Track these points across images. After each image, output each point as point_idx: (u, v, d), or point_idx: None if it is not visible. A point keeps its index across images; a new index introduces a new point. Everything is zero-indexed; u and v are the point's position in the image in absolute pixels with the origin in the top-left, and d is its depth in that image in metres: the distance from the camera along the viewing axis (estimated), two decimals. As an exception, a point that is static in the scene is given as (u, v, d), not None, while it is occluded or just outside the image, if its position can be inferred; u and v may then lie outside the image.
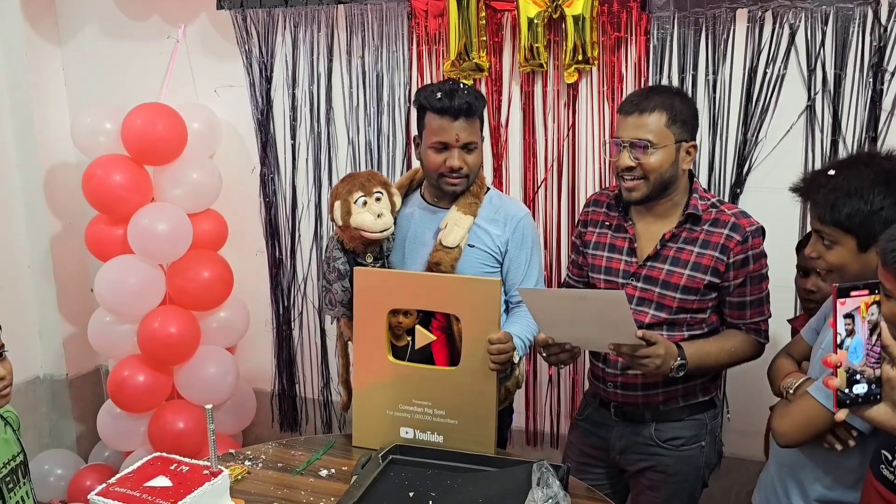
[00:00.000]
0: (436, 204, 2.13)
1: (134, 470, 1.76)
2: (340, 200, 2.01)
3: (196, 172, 2.99)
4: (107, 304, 2.95)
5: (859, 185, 1.55)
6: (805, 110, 2.35)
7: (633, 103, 1.90)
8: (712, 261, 1.88)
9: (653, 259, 1.94)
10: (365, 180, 2.02)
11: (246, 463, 1.97)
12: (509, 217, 2.10)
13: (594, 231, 2.07)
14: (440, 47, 2.71)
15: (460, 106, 1.97)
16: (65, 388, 3.48)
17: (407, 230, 2.13)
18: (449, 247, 2.03)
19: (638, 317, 1.93)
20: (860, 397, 1.15)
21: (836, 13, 2.26)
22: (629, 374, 1.97)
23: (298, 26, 2.92)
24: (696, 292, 1.90)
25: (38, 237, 3.34)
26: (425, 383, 1.98)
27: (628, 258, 1.99)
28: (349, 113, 2.93)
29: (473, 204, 2.07)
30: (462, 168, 2.02)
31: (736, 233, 1.88)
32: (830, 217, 1.58)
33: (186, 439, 2.91)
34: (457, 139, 1.99)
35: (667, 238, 1.93)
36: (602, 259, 2.04)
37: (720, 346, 1.93)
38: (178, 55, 3.12)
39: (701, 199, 1.93)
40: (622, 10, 2.46)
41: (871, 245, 1.55)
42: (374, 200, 2.00)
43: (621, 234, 2.01)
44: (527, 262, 2.13)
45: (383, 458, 1.86)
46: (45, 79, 3.30)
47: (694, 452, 2.01)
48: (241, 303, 3.15)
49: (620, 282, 1.98)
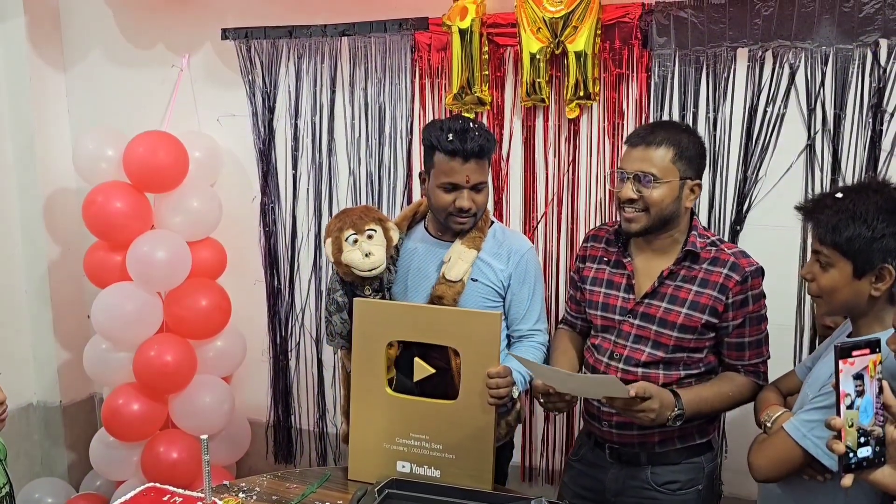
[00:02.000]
0: (440, 237, 2.13)
1: (126, 500, 1.75)
2: (332, 238, 2.01)
3: (196, 200, 2.99)
4: (103, 331, 2.93)
5: (865, 210, 1.54)
6: (805, 149, 2.36)
7: (641, 136, 1.90)
8: (711, 300, 1.86)
9: (650, 296, 1.92)
10: (357, 218, 2.02)
11: (240, 495, 1.95)
12: (513, 251, 2.10)
13: (592, 266, 2.06)
14: (443, 80, 2.73)
15: (472, 149, 1.96)
16: (58, 415, 3.45)
17: (410, 263, 2.13)
18: (452, 280, 2.02)
19: (634, 354, 1.92)
20: (865, 461, 1.13)
21: (836, 54, 2.28)
22: (625, 415, 1.92)
23: (302, 57, 2.94)
24: (693, 331, 1.88)
25: (35, 262, 3.33)
26: (423, 417, 1.97)
27: (626, 294, 1.96)
28: (351, 144, 2.94)
29: (478, 238, 2.07)
30: (471, 209, 2.02)
31: (735, 272, 1.86)
32: (831, 238, 1.57)
33: (180, 470, 2.87)
34: (467, 180, 1.99)
35: (665, 275, 1.91)
36: (599, 295, 2.02)
37: (717, 391, 1.90)
38: (181, 84, 3.14)
39: (700, 237, 1.92)
40: (624, 47, 2.49)
41: (866, 273, 1.55)
42: (366, 238, 1.99)
43: (619, 269, 1.99)
44: (529, 297, 2.12)
45: (379, 493, 1.84)
46: (48, 104, 3.31)
47: (690, 497, 1.97)
48: (238, 332, 3.14)
49: (617, 318, 1.96)
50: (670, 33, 2.43)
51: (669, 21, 2.42)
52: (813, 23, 2.28)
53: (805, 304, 2.42)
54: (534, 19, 2.49)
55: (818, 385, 1.59)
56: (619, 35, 2.48)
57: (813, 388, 1.62)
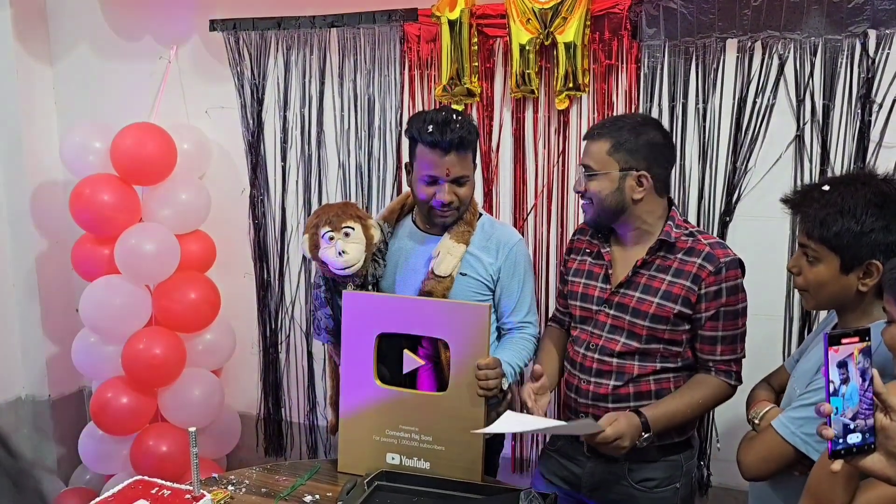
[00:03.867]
0: (427, 231, 2.12)
1: (114, 493, 1.73)
2: (309, 234, 2.00)
3: (185, 193, 2.98)
4: (91, 324, 2.92)
5: (853, 204, 1.53)
6: (794, 140, 2.37)
7: (590, 130, 1.93)
8: (683, 290, 1.84)
9: (625, 286, 1.91)
10: (334, 215, 1.98)
11: (229, 487, 1.94)
12: (501, 244, 2.09)
13: (576, 258, 2.06)
14: (432, 72, 2.72)
15: (451, 140, 1.94)
16: (47, 409, 3.43)
17: (399, 257, 2.12)
18: (441, 276, 2.02)
19: (609, 345, 1.92)
20: (855, 447, 1.13)
21: (825, 45, 2.28)
22: (601, 406, 1.92)
23: (291, 49, 2.93)
24: (665, 321, 1.86)
25: (23, 255, 3.31)
26: (413, 409, 1.97)
27: (603, 285, 1.96)
28: (340, 136, 2.93)
29: (466, 232, 2.06)
30: (452, 202, 2.00)
31: (710, 263, 1.83)
32: (819, 233, 1.55)
33: (169, 463, 2.87)
34: (447, 173, 1.98)
35: (639, 265, 1.90)
36: (580, 286, 2.01)
37: (688, 400, 1.87)
38: (169, 76, 3.12)
39: (676, 227, 1.89)
40: (613, 39, 2.48)
41: (853, 268, 1.54)
42: (343, 236, 1.96)
43: (599, 260, 1.99)
44: (519, 290, 2.12)
45: (369, 485, 1.84)
46: (35, 97, 3.28)
47: (667, 494, 1.95)
48: (227, 325, 3.13)
49: (594, 308, 1.96)
50: (660, 24, 2.43)
51: (659, 12, 2.42)
52: (802, 13, 2.28)
53: (794, 295, 2.42)
54: (523, 10, 2.49)
55: (805, 380, 1.59)
56: (608, 26, 2.48)
57: (800, 382, 1.61)
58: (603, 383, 1.92)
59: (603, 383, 1.92)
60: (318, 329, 2.11)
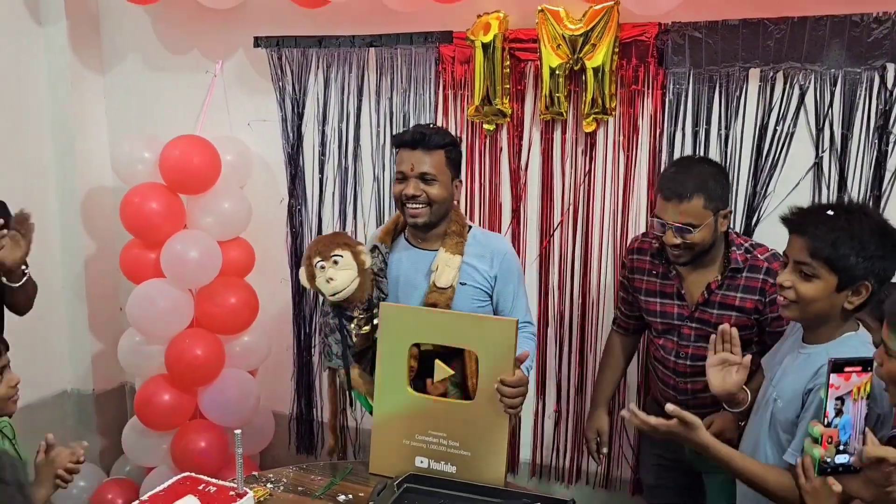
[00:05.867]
0: (419, 246, 2.24)
1: (164, 488, 1.86)
2: (304, 266, 2.14)
3: (227, 202, 3.12)
4: (137, 324, 3.08)
5: (860, 230, 1.65)
6: (812, 167, 2.46)
7: (672, 189, 2.07)
8: (754, 303, 2.12)
9: (703, 305, 2.17)
10: (323, 245, 2.14)
11: (268, 485, 2.07)
12: (496, 252, 2.23)
13: (642, 279, 2.28)
14: (465, 92, 2.84)
15: (414, 136, 2.14)
16: (91, 402, 3.60)
17: (398, 274, 2.24)
18: (443, 287, 2.14)
19: (698, 351, 2.17)
20: (841, 466, 1.24)
21: (845, 77, 2.37)
22: (699, 397, 2.18)
23: (331, 66, 3.06)
24: (743, 328, 2.06)
25: (72, 257, 3.48)
26: (442, 415, 2.08)
27: (679, 302, 2.22)
28: (376, 150, 3.06)
29: (459, 243, 2.19)
30: (419, 195, 2.13)
31: (770, 276, 2.08)
32: (826, 253, 1.65)
33: (207, 458, 3.01)
34: (411, 168, 2.13)
35: (713, 287, 2.15)
36: (656, 304, 2.26)
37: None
38: (214, 89, 3.27)
39: (738, 249, 2.14)
40: (640, 65, 2.58)
41: (846, 287, 1.65)
42: (332, 264, 2.11)
43: (668, 280, 2.23)
44: (514, 294, 2.26)
45: (398, 487, 1.96)
46: (87, 106, 3.45)
47: None
48: (264, 328, 3.26)
49: (676, 323, 2.22)
50: (685, 52, 2.53)
51: (685, 40, 2.52)
52: (823, 46, 2.37)
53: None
54: (554, 36, 2.59)
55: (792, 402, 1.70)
56: (635, 53, 2.58)
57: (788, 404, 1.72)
58: (700, 380, 2.14)
59: (700, 380, 2.14)
60: (329, 355, 2.24)
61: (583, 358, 2.87)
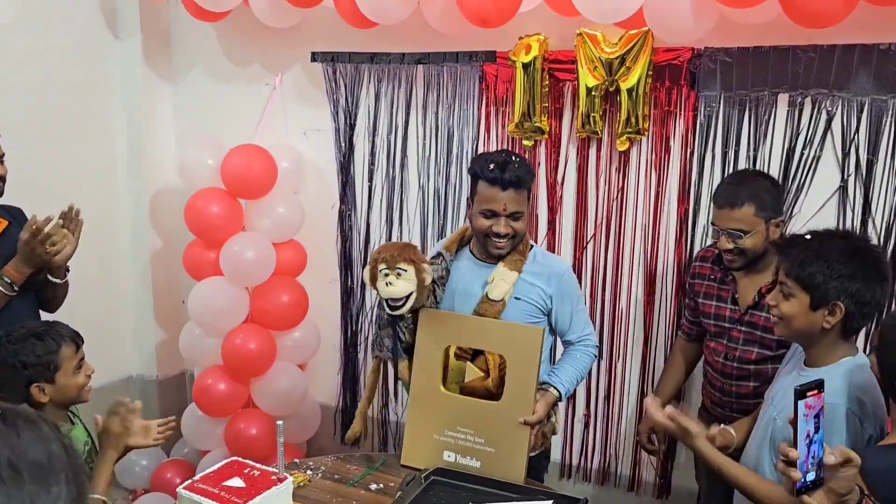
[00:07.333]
0: (483, 260, 2.36)
1: (214, 470, 2.05)
2: (370, 266, 2.25)
3: (282, 206, 3.33)
4: (197, 318, 3.31)
5: (828, 251, 1.76)
6: (838, 190, 2.54)
7: (725, 198, 2.25)
8: None
9: (753, 308, 2.31)
10: (390, 255, 2.18)
11: (308, 472, 2.26)
12: (553, 273, 2.33)
13: (702, 283, 2.45)
14: (507, 109, 2.98)
15: (510, 178, 2.18)
16: (154, 388, 3.85)
17: (457, 283, 2.37)
18: (494, 300, 2.27)
19: (745, 355, 2.33)
20: (811, 483, 1.38)
21: (871, 104, 2.45)
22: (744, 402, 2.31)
23: (381, 81, 3.24)
24: None
25: (140, 252, 3.75)
26: (471, 413, 2.24)
27: (732, 306, 2.37)
28: (421, 162, 3.23)
29: (518, 261, 2.30)
30: (508, 233, 2.23)
31: None
32: (795, 272, 1.78)
33: (258, 444, 3.24)
34: (504, 208, 2.20)
35: (763, 291, 2.26)
36: (711, 307, 2.42)
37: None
38: (273, 99, 3.48)
39: None
40: (673, 87, 2.70)
41: (820, 306, 1.76)
42: (395, 276, 2.17)
43: (724, 285, 2.39)
44: (571, 311, 2.37)
45: (425, 479, 2.13)
46: (157, 111, 3.70)
47: None
48: (314, 325, 3.47)
49: (727, 325, 2.37)
50: (717, 76, 2.63)
51: (716, 65, 2.62)
52: (850, 73, 2.45)
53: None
54: (591, 58, 2.72)
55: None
56: (669, 76, 2.69)
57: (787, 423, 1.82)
58: (744, 384, 2.35)
59: (744, 384, 2.35)
60: (381, 347, 2.39)
61: (612, 365, 2.99)
